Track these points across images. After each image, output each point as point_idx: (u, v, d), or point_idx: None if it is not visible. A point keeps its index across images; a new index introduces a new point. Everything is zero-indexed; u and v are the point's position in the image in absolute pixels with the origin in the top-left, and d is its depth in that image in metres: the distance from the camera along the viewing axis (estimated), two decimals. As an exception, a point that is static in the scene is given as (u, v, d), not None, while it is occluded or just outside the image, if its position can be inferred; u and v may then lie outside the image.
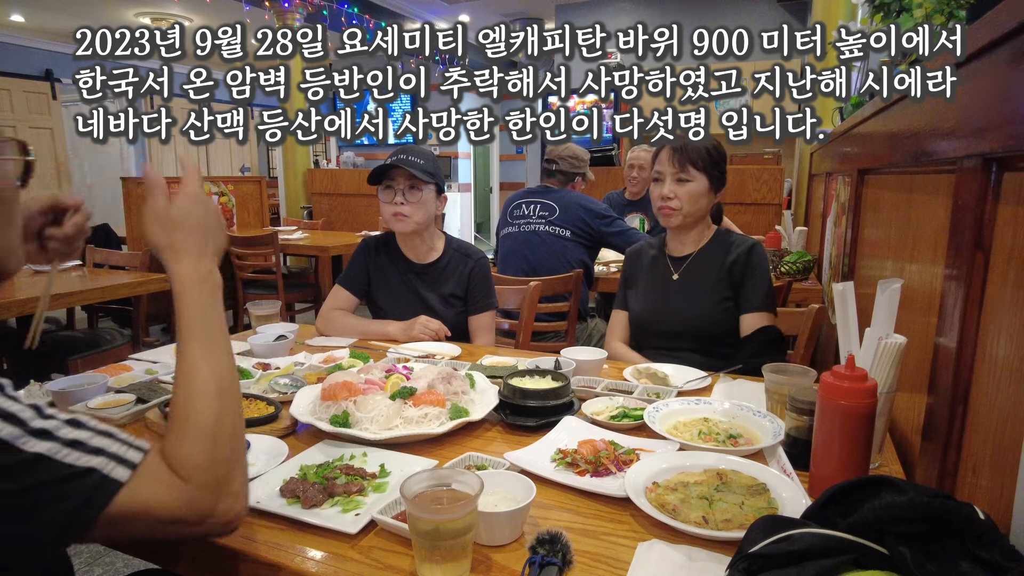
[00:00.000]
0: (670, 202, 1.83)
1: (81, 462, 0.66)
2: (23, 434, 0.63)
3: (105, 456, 0.68)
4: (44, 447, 0.64)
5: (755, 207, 4.49)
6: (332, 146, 9.95)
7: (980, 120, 0.87)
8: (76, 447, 0.66)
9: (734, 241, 1.89)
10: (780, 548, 0.65)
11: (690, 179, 1.82)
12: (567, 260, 2.96)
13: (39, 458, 0.63)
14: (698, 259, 1.90)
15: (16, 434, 0.63)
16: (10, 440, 0.62)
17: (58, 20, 7.81)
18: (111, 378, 1.51)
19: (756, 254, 1.84)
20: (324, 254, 4.70)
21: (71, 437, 0.67)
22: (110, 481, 0.67)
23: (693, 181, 1.82)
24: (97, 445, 0.68)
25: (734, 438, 1.17)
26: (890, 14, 1.54)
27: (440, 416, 1.24)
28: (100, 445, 0.68)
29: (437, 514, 0.77)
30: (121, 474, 0.68)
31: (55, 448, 0.65)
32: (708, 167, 1.82)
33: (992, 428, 0.82)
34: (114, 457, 0.68)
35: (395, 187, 1.96)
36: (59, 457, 0.65)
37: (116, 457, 0.69)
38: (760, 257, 1.85)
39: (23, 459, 0.63)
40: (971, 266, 0.87)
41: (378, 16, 7.98)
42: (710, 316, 1.84)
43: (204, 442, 0.75)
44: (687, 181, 1.82)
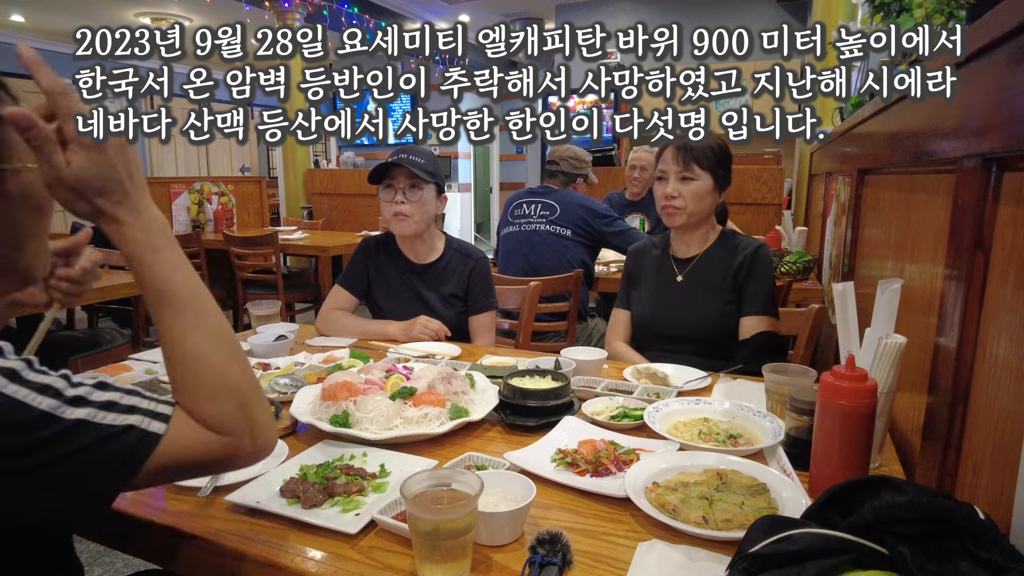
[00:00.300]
0: (674, 201, 1.81)
1: (119, 421, 0.69)
2: (60, 403, 0.66)
3: (140, 413, 0.71)
4: (82, 412, 0.67)
5: (755, 207, 4.49)
6: (332, 146, 9.95)
7: (980, 120, 0.87)
8: (111, 408, 0.70)
9: (740, 243, 1.86)
10: (780, 548, 0.65)
11: (694, 178, 1.79)
12: (567, 260, 2.96)
13: (80, 423, 0.67)
14: (703, 261, 1.87)
15: (54, 404, 0.66)
16: (50, 411, 0.65)
17: (58, 20, 7.82)
18: (111, 378, 1.51)
19: (761, 256, 1.82)
20: (324, 254, 4.70)
21: (104, 399, 0.70)
22: (149, 435, 0.70)
23: (697, 180, 1.79)
24: (129, 403, 0.71)
25: (734, 438, 1.17)
26: (890, 14, 1.54)
27: (440, 416, 1.24)
28: (132, 403, 0.71)
29: (437, 514, 0.77)
30: (157, 427, 0.71)
31: (92, 412, 0.68)
32: (713, 166, 1.80)
33: (992, 428, 0.82)
34: (148, 413, 0.72)
35: (396, 186, 1.96)
36: (98, 420, 0.68)
37: (150, 412, 0.72)
38: (765, 260, 1.83)
39: (66, 426, 0.65)
40: (971, 266, 0.87)
41: (378, 16, 7.98)
42: (714, 321, 1.81)
43: (220, 397, 0.76)
44: (691, 180, 1.79)
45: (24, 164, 0.76)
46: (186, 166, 10.10)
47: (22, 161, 0.76)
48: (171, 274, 0.78)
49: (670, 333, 1.86)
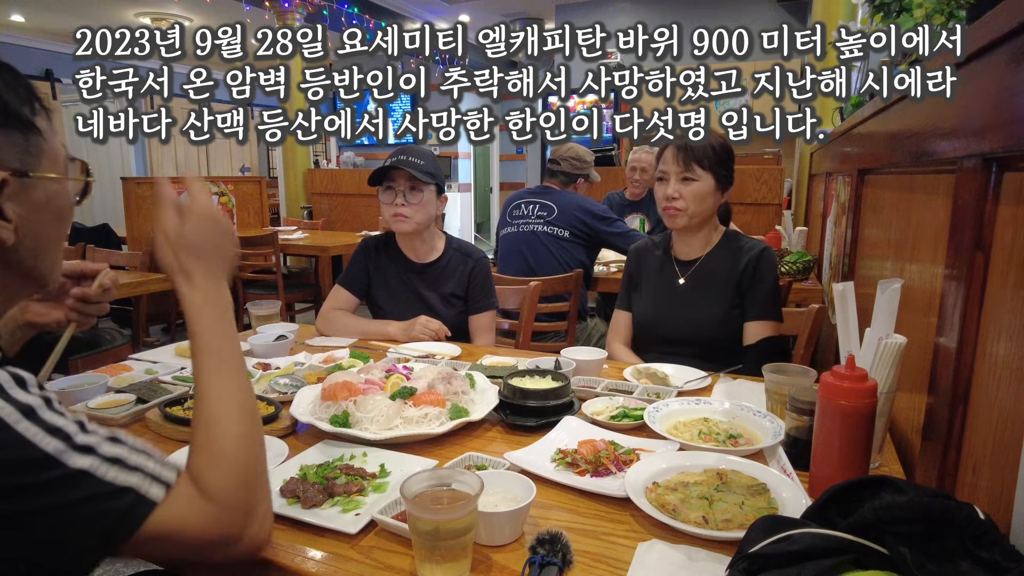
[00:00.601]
0: (675, 202, 1.77)
1: (120, 480, 0.67)
2: (67, 448, 0.64)
3: (142, 474, 0.69)
4: (86, 463, 0.65)
5: (755, 207, 4.49)
6: (332, 146, 9.94)
7: (980, 120, 0.87)
8: (116, 464, 0.67)
9: (744, 246, 1.82)
10: (780, 548, 0.65)
11: (695, 178, 1.75)
12: (565, 261, 2.96)
13: (82, 473, 0.65)
14: (706, 264, 1.84)
15: (61, 448, 0.64)
16: (55, 455, 0.63)
17: (58, 20, 7.81)
18: (111, 378, 1.51)
19: (765, 260, 1.78)
20: (324, 254, 4.70)
21: (112, 454, 0.68)
22: (145, 501, 0.68)
23: (699, 180, 1.75)
24: (135, 463, 0.69)
25: (734, 438, 1.17)
26: (890, 14, 1.54)
27: (440, 416, 1.24)
28: (138, 463, 0.69)
29: (437, 514, 0.77)
30: (156, 493, 0.69)
31: (96, 464, 0.66)
32: (714, 165, 1.76)
33: (992, 428, 0.82)
34: (150, 476, 0.69)
35: (396, 188, 1.96)
36: (100, 474, 0.66)
37: (152, 476, 0.70)
38: (769, 263, 1.79)
39: (67, 473, 0.64)
40: (971, 266, 0.87)
41: (378, 16, 7.98)
42: (716, 324, 1.78)
43: (231, 467, 0.76)
44: (692, 180, 1.75)
45: (50, 174, 0.78)
46: (186, 166, 10.10)
47: (49, 171, 0.77)
48: (221, 340, 0.83)
49: (671, 336, 1.84)
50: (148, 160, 9.69)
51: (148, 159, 9.69)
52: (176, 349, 1.83)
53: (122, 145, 9.25)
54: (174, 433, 1.24)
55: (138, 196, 5.13)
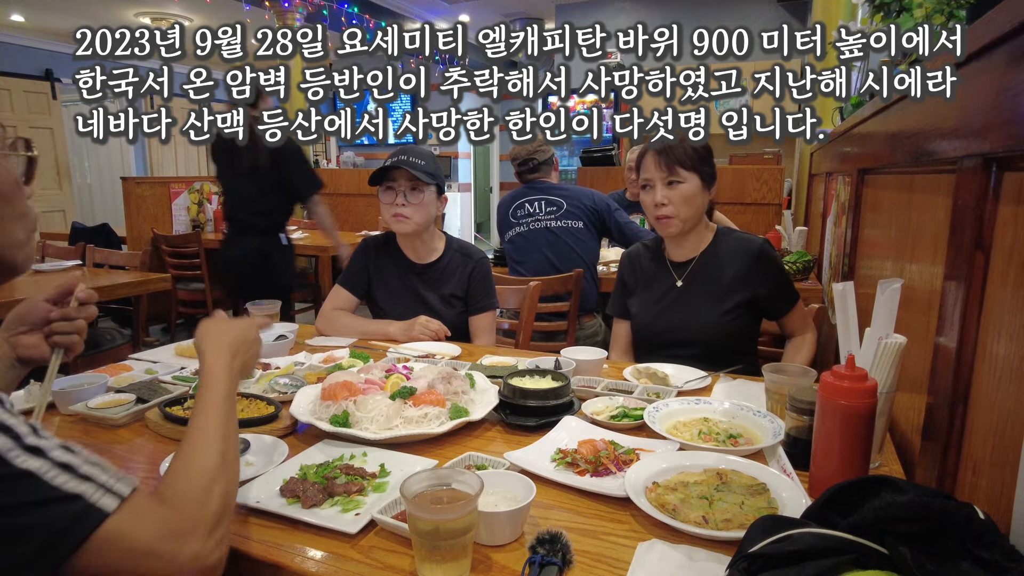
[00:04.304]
0: (664, 209, 1.72)
1: (68, 486, 0.63)
2: (16, 447, 0.62)
3: (94, 484, 0.65)
4: (35, 464, 0.62)
5: (755, 207, 4.48)
6: (332, 146, 9.94)
7: (980, 120, 0.87)
8: (66, 470, 0.64)
9: (740, 243, 1.79)
10: (780, 548, 0.65)
11: (681, 180, 1.71)
12: (587, 251, 2.99)
13: (27, 475, 0.61)
14: (702, 263, 1.81)
15: (9, 447, 0.61)
16: (2, 452, 0.60)
17: (58, 20, 7.81)
18: (111, 378, 1.51)
19: (765, 255, 1.76)
20: (324, 254, 4.70)
21: (63, 460, 0.65)
22: (95, 509, 0.64)
23: (685, 182, 1.71)
24: (86, 472, 0.66)
25: (734, 438, 1.17)
26: (890, 14, 1.54)
27: (440, 416, 1.24)
28: (89, 473, 0.66)
29: (437, 514, 0.77)
30: (108, 503, 0.65)
31: (45, 467, 0.63)
32: (697, 164, 1.71)
33: (992, 428, 0.82)
34: (103, 486, 0.66)
35: (396, 188, 1.96)
36: (48, 478, 0.62)
37: (104, 487, 0.66)
38: (772, 258, 1.78)
39: (12, 473, 0.60)
40: (971, 266, 0.87)
41: (378, 16, 7.98)
42: (717, 324, 1.75)
43: (197, 482, 0.76)
44: (678, 183, 1.71)
45: None
46: (186, 166, 10.09)
47: None
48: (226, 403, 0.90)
49: (673, 339, 1.80)
50: (148, 160, 9.69)
51: (148, 159, 9.68)
52: (176, 349, 1.83)
53: (122, 145, 9.25)
54: (174, 433, 1.24)
55: (138, 196, 5.13)
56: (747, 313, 1.78)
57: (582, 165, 5.14)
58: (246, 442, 1.15)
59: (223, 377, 0.92)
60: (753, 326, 1.83)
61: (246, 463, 1.11)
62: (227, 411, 0.88)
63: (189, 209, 5.56)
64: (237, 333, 1.01)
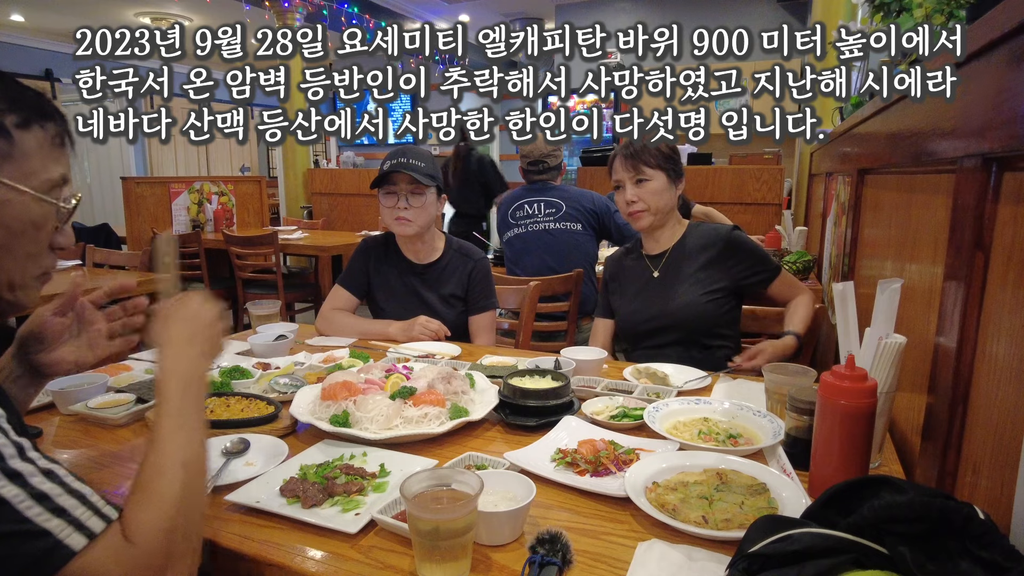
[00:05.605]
0: (635, 205, 1.87)
1: (39, 519, 0.62)
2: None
3: (67, 519, 0.64)
4: (11, 492, 0.61)
5: (755, 207, 4.48)
6: (332, 146, 9.93)
7: (980, 120, 0.87)
8: (41, 501, 0.63)
9: (711, 231, 1.92)
10: (780, 548, 0.65)
11: (648, 178, 1.85)
12: (585, 253, 2.99)
13: (2, 501, 0.60)
14: (675, 253, 1.93)
15: None
16: None
17: (58, 20, 7.81)
18: (111, 378, 1.51)
19: (735, 240, 1.87)
20: (324, 254, 4.70)
21: (40, 489, 0.63)
22: (62, 547, 0.63)
23: (651, 180, 1.85)
24: (62, 505, 0.64)
25: (734, 438, 1.17)
26: (890, 14, 1.54)
27: (440, 416, 1.24)
28: (65, 505, 0.64)
29: (437, 514, 0.77)
30: (76, 542, 0.64)
31: (20, 496, 0.61)
32: (661, 162, 1.85)
33: (992, 428, 0.82)
34: (74, 522, 0.64)
35: (397, 192, 1.96)
36: (21, 508, 0.61)
37: (76, 522, 0.65)
38: (742, 239, 1.88)
39: None
40: (971, 266, 0.87)
41: (378, 16, 7.98)
42: (696, 308, 1.85)
43: (163, 511, 0.72)
44: (645, 181, 1.85)
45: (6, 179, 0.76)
46: (186, 166, 10.10)
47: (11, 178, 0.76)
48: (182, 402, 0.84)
49: (655, 327, 1.90)
50: (148, 160, 9.69)
51: (148, 159, 9.69)
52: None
53: (122, 145, 9.25)
54: (174, 433, 1.23)
55: (138, 196, 5.14)
56: (725, 297, 1.87)
57: (582, 165, 5.13)
58: (246, 442, 1.16)
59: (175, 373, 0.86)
60: (733, 311, 1.92)
61: (246, 463, 1.11)
62: (183, 415, 0.82)
63: (189, 209, 5.57)
64: (186, 316, 0.93)
